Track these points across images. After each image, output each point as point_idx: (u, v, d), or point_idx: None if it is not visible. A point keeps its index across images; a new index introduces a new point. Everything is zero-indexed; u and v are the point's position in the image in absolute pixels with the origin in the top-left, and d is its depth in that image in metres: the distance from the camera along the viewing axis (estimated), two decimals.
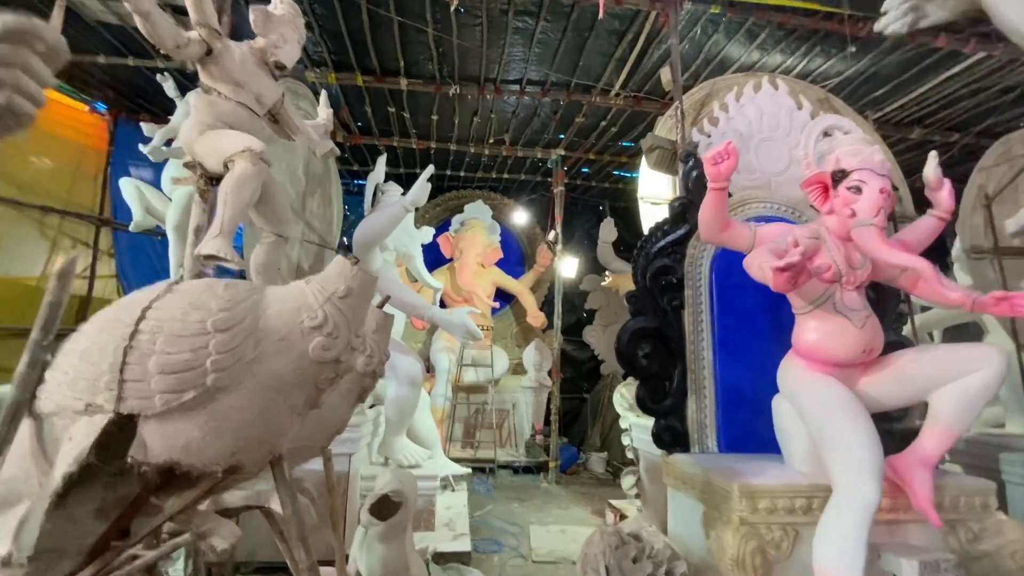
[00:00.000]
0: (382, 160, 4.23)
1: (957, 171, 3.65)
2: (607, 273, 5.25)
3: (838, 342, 1.95)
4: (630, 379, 6.63)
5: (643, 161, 3.72)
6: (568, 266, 6.05)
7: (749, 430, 2.41)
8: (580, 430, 7.78)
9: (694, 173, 2.61)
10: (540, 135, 5.75)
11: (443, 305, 6.51)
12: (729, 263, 2.54)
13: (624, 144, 5.91)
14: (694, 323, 2.50)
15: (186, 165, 1.76)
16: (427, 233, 5.01)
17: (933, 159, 2.15)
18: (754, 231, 2.07)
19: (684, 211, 2.58)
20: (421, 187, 3.46)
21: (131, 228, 4.00)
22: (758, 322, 2.52)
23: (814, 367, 2.00)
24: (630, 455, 3.96)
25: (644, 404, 2.40)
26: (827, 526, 1.66)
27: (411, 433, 4.38)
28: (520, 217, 7.28)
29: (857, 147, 2.00)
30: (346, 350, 1.26)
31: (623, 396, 3.97)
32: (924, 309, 4.16)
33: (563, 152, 6.08)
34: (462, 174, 7.16)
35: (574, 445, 7.33)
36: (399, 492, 2.47)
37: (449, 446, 5.96)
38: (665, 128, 3.28)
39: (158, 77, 4.25)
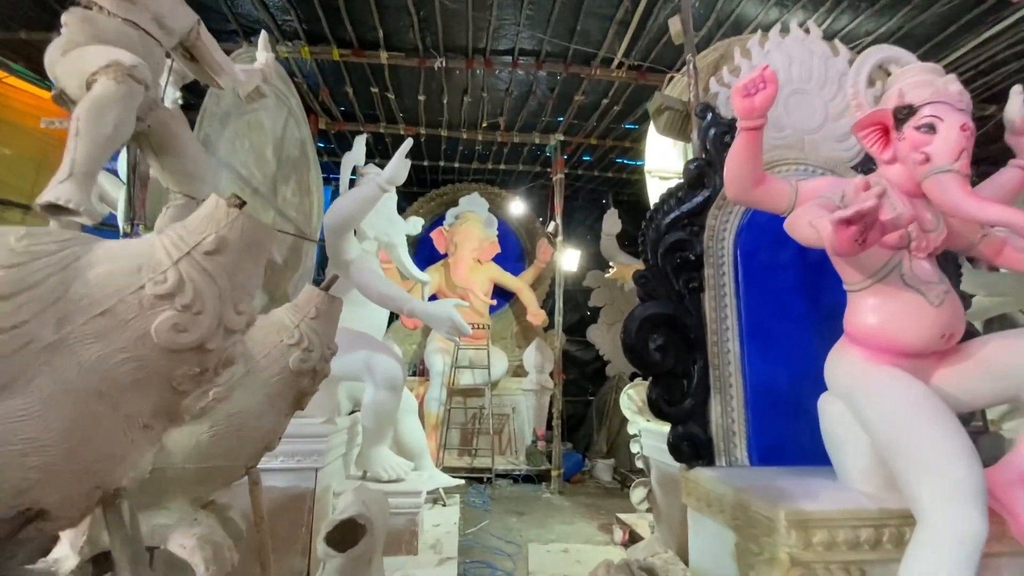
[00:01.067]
0: (361, 140, 3.84)
1: (991, 150, 3.21)
2: (611, 264, 4.83)
3: (909, 324, 1.52)
4: (639, 380, 6.17)
5: (650, 132, 3.29)
6: (570, 259, 5.63)
7: (787, 438, 1.97)
8: (585, 435, 7.34)
9: (712, 131, 2.18)
10: (537, 118, 5.34)
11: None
12: (758, 234, 2.11)
13: (627, 127, 5.49)
14: (716, 308, 2.07)
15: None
16: (414, 224, 4.60)
17: (1017, 95, 1.71)
18: (795, 187, 1.64)
19: (701, 175, 2.15)
20: (398, 163, 3.05)
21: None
22: (794, 305, 2.08)
23: (878, 357, 1.57)
24: (640, 464, 3.52)
25: (658, 407, 1.96)
26: (918, 568, 1.22)
27: (397, 442, 3.97)
28: (518, 208, 6.86)
29: (926, 77, 1.57)
30: (216, 332, 0.84)
31: (631, 398, 3.54)
32: None
33: (562, 137, 5.67)
34: (456, 165, 6.76)
35: (578, 451, 6.89)
36: (363, 516, 2.06)
37: (444, 454, 5.54)
38: (676, 89, 2.86)
39: None
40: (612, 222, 7.13)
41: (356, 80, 4.57)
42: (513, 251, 7.61)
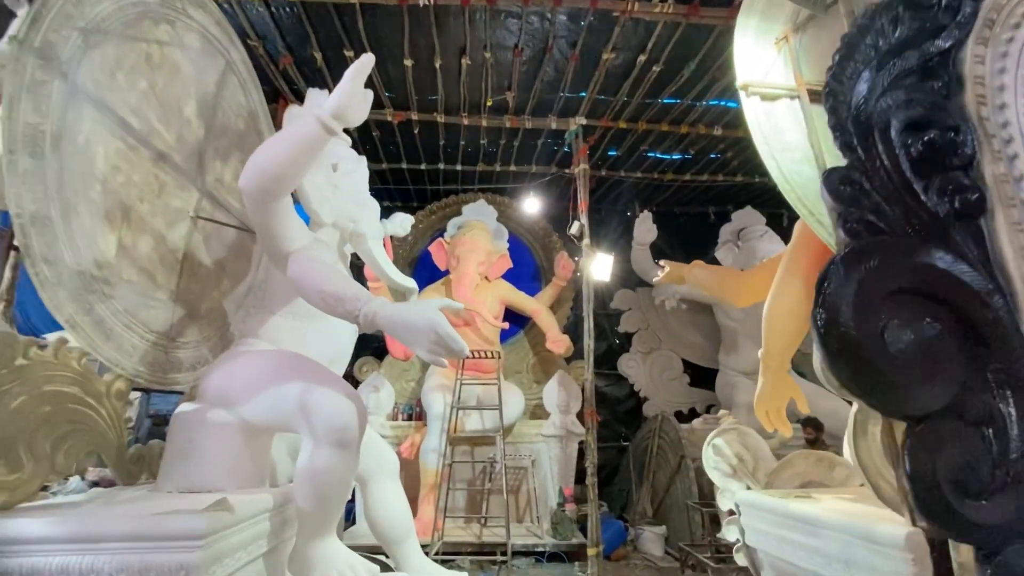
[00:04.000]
0: (317, 93, 2.79)
1: None
2: (661, 264, 3.65)
3: None
4: (705, 418, 4.91)
5: (738, 30, 2.18)
6: (601, 266, 4.47)
7: None
8: (619, 491, 5.97)
9: None
10: (554, 91, 4.31)
11: None
12: None
13: (667, 101, 4.43)
14: None
15: None
16: (402, 221, 3.49)
17: None
18: None
19: None
20: (350, 88, 1.96)
21: None
22: None
23: None
24: (741, 559, 2.23)
25: (936, 499, 0.75)
26: None
27: (369, 521, 2.74)
28: (532, 207, 5.76)
29: None
30: None
31: (720, 452, 2.29)
32: None
33: (584, 121, 4.63)
34: (459, 168, 5.74)
35: (613, 513, 5.52)
36: None
37: (444, 523, 4.23)
38: None
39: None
40: (646, 228, 6.01)
41: (324, 38, 3.59)
42: (527, 269, 6.48)
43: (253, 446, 2.16)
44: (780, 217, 7.41)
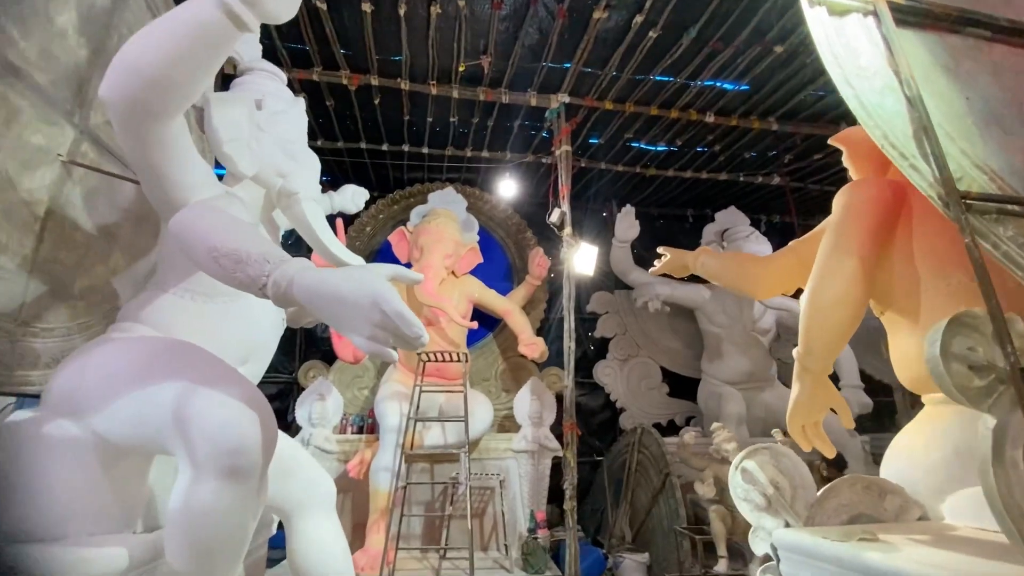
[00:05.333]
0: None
1: None
2: (660, 251, 3.18)
3: None
4: (694, 431, 4.46)
5: None
6: (585, 258, 3.97)
7: None
8: (594, 511, 5.45)
9: None
10: (535, 60, 3.81)
11: None
12: None
13: (658, 79, 4.01)
14: None
15: None
16: (352, 195, 2.92)
17: None
18: None
19: None
20: None
21: None
22: None
23: None
24: None
25: None
26: None
27: (294, 565, 2.10)
28: (507, 189, 5.24)
29: None
30: None
31: (753, 478, 1.79)
32: None
33: (567, 99, 4.16)
34: (425, 151, 5.15)
35: (589, 538, 5.00)
36: None
37: (396, 556, 3.59)
38: None
39: None
40: (628, 223, 5.59)
41: None
42: (498, 267, 5.93)
43: (115, 473, 1.51)
44: (758, 223, 7.19)
